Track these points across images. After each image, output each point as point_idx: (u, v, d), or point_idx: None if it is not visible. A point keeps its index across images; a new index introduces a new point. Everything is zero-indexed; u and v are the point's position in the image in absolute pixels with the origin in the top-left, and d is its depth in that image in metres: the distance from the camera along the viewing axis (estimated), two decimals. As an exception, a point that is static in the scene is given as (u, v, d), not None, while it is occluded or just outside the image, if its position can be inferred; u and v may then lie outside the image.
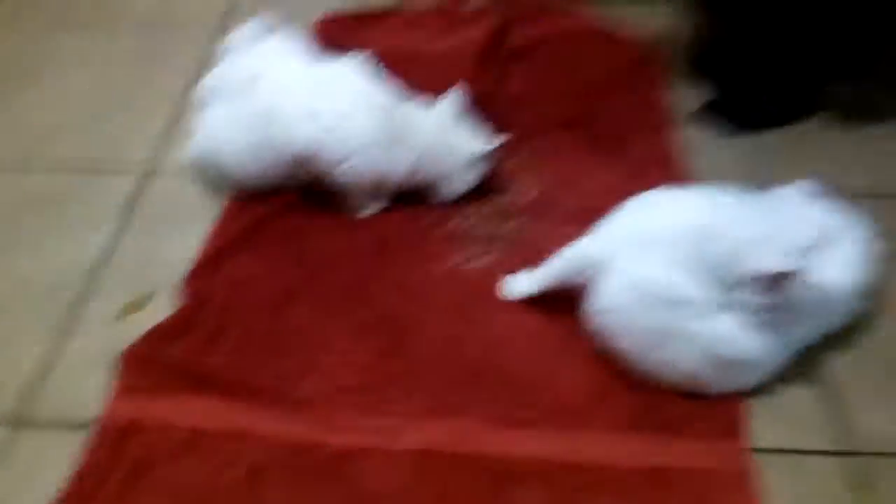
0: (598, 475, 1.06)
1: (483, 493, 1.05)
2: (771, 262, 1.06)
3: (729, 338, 1.10)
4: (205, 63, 1.73)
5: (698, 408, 1.13)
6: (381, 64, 1.46)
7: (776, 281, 1.06)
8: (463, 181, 1.43)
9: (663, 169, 1.49)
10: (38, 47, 1.88)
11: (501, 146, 1.43)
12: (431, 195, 1.44)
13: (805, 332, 1.16)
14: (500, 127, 1.48)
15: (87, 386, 1.17)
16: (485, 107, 1.50)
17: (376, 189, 1.42)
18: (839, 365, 1.19)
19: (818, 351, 1.19)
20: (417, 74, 1.63)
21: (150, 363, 1.18)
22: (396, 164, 1.39)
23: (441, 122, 1.42)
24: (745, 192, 1.19)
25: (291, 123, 1.36)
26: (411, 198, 1.44)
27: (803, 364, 1.18)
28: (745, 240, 1.08)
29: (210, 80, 1.49)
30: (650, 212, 1.17)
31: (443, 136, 1.41)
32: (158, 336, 1.22)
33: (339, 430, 1.11)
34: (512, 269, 1.30)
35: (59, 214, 1.45)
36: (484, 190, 1.46)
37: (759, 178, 1.34)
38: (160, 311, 1.26)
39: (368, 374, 1.18)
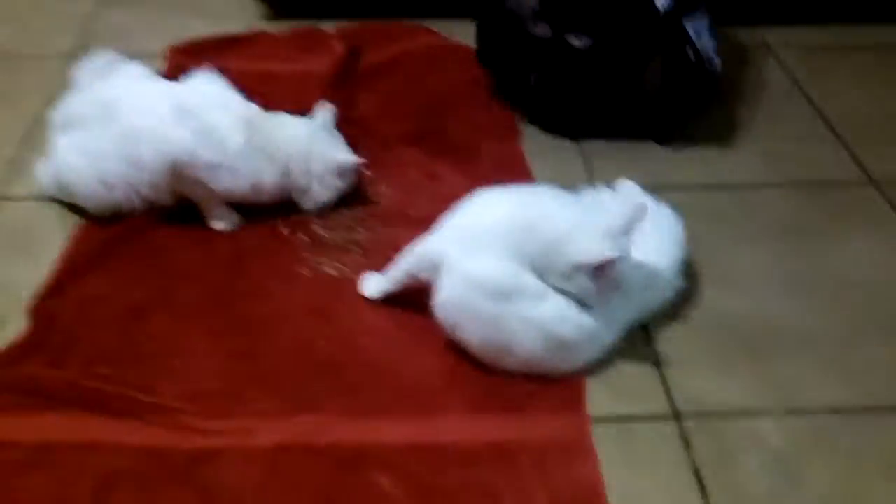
0: (446, 454, 1.12)
1: (336, 482, 1.08)
2: (594, 253, 1.15)
3: (560, 319, 1.18)
4: (53, 95, 1.72)
5: (541, 386, 1.21)
6: (235, 86, 1.50)
7: (601, 269, 1.15)
8: (330, 191, 1.48)
9: (509, 172, 1.59)
10: None
11: (363, 159, 1.49)
12: (299, 204, 1.48)
13: (634, 309, 1.27)
14: (353, 145, 1.53)
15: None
16: (338, 127, 1.54)
17: (250, 198, 1.44)
18: (667, 337, 1.29)
19: (649, 325, 1.30)
20: (271, 97, 1.68)
21: (-2, 385, 1.16)
22: (267, 173, 1.42)
23: (311, 132, 1.47)
24: (567, 189, 1.29)
25: (165, 133, 1.37)
26: (270, 211, 1.48)
27: (636, 339, 1.28)
28: (563, 230, 1.17)
29: (60, 109, 1.49)
30: (478, 209, 1.25)
31: (312, 146, 1.45)
32: (5, 359, 1.20)
33: (193, 434, 1.11)
34: (366, 272, 1.36)
35: None
36: (340, 201, 1.51)
37: (593, 178, 1.47)
38: (10, 336, 1.24)
39: (223, 378, 1.20)
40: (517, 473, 1.10)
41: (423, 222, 1.41)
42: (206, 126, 1.38)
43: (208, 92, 1.45)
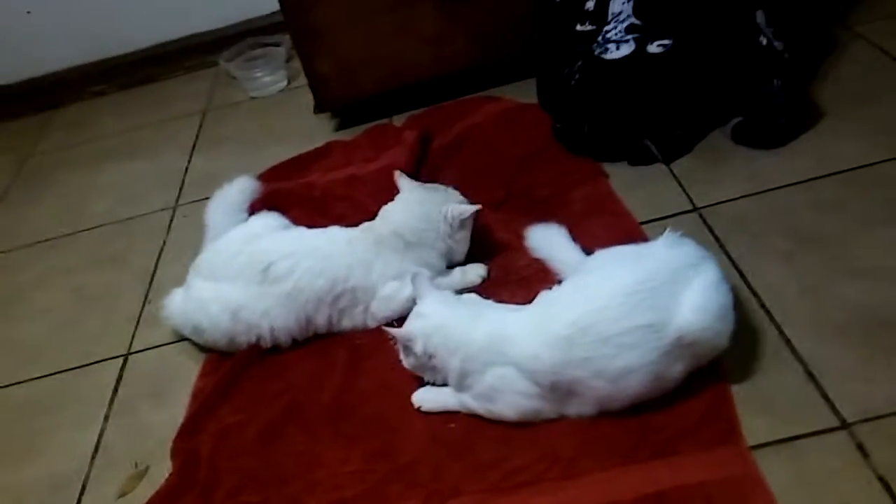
0: (603, 515, 1.05)
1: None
2: None
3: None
4: (162, 249, 1.84)
5: (689, 425, 1.13)
6: (324, 195, 1.53)
7: None
8: (462, 243, 1.48)
9: (601, 214, 1.54)
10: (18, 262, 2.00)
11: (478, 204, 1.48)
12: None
13: None
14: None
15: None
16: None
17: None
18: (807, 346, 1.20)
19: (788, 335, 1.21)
20: (358, 198, 1.73)
21: (154, 532, 1.19)
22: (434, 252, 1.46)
23: (420, 198, 1.49)
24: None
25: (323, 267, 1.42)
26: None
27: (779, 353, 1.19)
28: None
29: (203, 258, 1.52)
30: None
31: (428, 211, 1.46)
32: (156, 504, 1.23)
33: (347, 542, 1.10)
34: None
35: (48, 417, 1.49)
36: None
37: (694, 200, 1.43)
38: (157, 480, 1.28)
39: (364, 480, 1.19)
40: (684, 523, 1.02)
41: (523, 282, 1.40)
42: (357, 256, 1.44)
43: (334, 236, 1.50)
